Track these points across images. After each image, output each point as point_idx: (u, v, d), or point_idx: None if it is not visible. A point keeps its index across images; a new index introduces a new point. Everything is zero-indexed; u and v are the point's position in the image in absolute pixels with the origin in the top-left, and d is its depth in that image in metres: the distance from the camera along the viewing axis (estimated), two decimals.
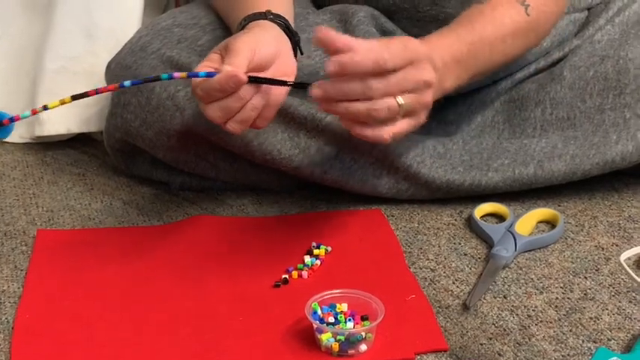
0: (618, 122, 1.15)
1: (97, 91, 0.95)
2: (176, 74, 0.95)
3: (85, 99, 0.97)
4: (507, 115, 1.21)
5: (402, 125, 0.95)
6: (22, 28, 1.35)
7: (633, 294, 0.97)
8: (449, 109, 1.24)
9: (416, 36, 1.21)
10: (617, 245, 1.08)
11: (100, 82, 1.20)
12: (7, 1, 1.35)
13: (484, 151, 1.18)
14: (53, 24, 1.31)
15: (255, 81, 0.94)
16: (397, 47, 0.93)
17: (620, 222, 1.14)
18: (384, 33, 1.24)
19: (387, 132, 0.93)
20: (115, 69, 1.18)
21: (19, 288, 1.00)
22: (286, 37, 1.05)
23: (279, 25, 1.05)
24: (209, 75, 0.92)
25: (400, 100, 0.93)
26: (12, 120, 0.93)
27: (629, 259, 1.02)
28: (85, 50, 1.30)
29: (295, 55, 1.06)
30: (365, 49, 0.90)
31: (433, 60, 0.98)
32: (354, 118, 0.94)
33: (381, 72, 0.91)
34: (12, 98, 1.34)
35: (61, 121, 1.29)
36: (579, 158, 1.15)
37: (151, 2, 1.41)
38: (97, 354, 0.89)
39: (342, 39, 0.90)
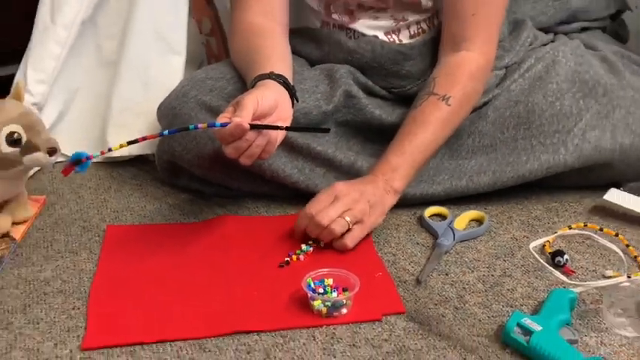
0: (527, 148, 1.15)
1: (144, 138, 0.97)
2: (200, 125, 0.97)
3: (140, 132, 0.98)
4: (447, 142, 1.18)
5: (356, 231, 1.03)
6: (97, 79, 1.34)
7: (538, 272, 0.98)
8: None
9: (382, 85, 1.24)
10: (526, 237, 1.09)
11: (153, 120, 1.21)
12: (86, 60, 1.34)
13: (430, 169, 1.17)
14: (120, 76, 1.31)
15: (255, 127, 0.95)
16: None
17: (529, 220, 1.14)
18: (360, 85, 1.23)
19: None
20: (163, 110, 1.18)
21: (93, 267, 1.01)
22: (285, 91, 1.05)
23: (279, 82, 1.05)
24: (223, 125, 0.93)
25: (347, 218, 1.01)
26: (88, 158, 0.94)
27: (535, 247, 1.02)
28: (142, 96, 1.29)
29: (293, 103, 1.06)
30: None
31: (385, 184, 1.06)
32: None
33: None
34: (88, 133, 1.33)
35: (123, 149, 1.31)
36: (499, 173, 1.15)
37: (190, 61, 1.41)
38: (149, 311, 0.90)
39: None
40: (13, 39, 1.42)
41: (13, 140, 1.02)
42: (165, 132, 1.02)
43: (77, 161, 0.95)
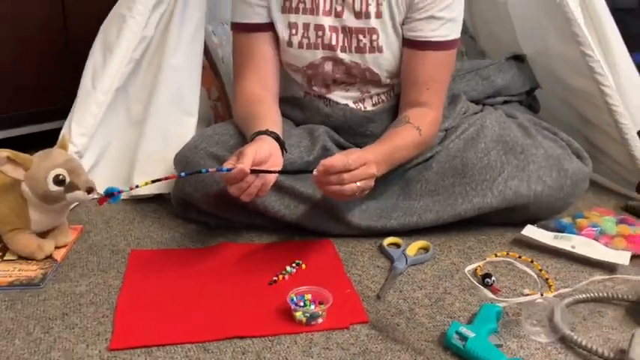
0: (462, 192, 1.15)
1: (165, 178, 0.97)
2: (210, 169, 0.98)
3: (160, 174, 0.98)
4: (401, 187, 1.19)
5: (358, 197, 1.02)
6: (126, 134, 1.34)
7: (472, 290, 0.98)
8: None
9: (351, 142, 1.25)
10: (462, 262, 1.08)
11: (170, 167, 1.20)
12: (118, 118, 1.33)
13: (388, 208, 1.17)
14: (144, 132, 1.30)
15: (254, 172, 0.95)
16: (355, 156, 0.99)
17: (464, 249, 1.14)
18: (334, 141, 1.23)
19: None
20: (178, 158, 1.17)
21: (120, 283, 0.99)
22: (277, 144, 1.05)
23: (272, 137, 1.05)
24: (228, 170, 0.94)
25: (358, 184, 0.98)
26: (119, 192, 0.94)
27: (469, 270, 1.03)
28: (162, 148, 1.28)
29: (283, 154, 1.07)
30: (337, 158, 0.97)
31: (374, 161, 1.01)
32: (332, 193, 0.98)
33: (347, 170, 0.96)
34: (118, 176, 1.31)
35: (147, 187, 1.29)
36: (441, 213, 1.15)
37: (201, 120, 1.40)
38: (163, 319, 0.89)
39: (328, 161, 0.96)
40: (59, 99, 1.42)
41: (58, 181, 1.02)
42: (182, 174, 1.02)
43: (110, 194, 0.95)
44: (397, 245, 1.14)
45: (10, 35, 1.53)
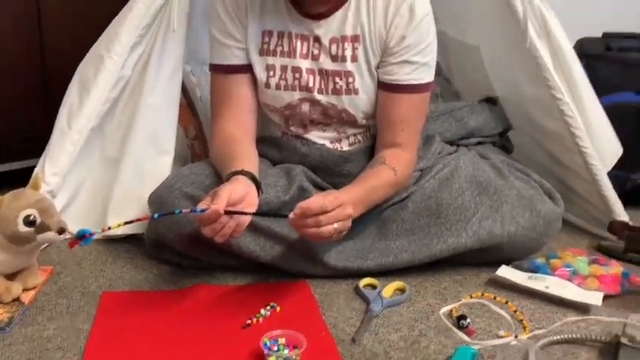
0: (438, 233, 1.15)
1: (138, 219, 0.97)
2: (184, 210, 0.98)
3: (135, 215, 0.98)
4: (378, 227, 1.20)
5: (335, 238, 1.01)
6: (101, 173, 1.32)
7: (447, 332, 0.97)
8: None
9: (328, 182, 1.26)
10: (438, 304, 1.08)
11: (144, 206, 1.19)
12: (93, 157, 1.32)
13: (364, 248, 1.17)
14: (119, 171, 1.29)
15: (228, 213, 0.95)
16: (331, 197, 0.99)
17: (440, 290, 1.14)
18: (311, 181, 1.23)
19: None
20: (153, 198, 1.16)
21: (89, 327, 0.97)
22: (252, 184, 1.05)
23: (248, 177, 1.05)
24: (202, 210, 0.93)
25: (335, 225, 0.98)
26: (91, 235, 0.93)
27: (444, 312, 1.02)
28: (137, 186, 1.27)
29: (258, 194, 1.06)
30: (314, 200, 0.97)
31: (350, 202, 1.02)
32: (309, 235, 0.99)
33: (324, 211, 0.96)
34: (91, 216, 1.29)
35: (119, 227, 1.28)
36: (417, 253, 1.15)
37: (177, 159, 1.40)
38: None
39: (304, 203, 0.97)
40: (33, 137, 1.41)
41: (29, 222, 1.00)
42: (156, 215, 1.02)
43: (81, 236, 0.93)
44: (373, 286, 1.13)
45: None
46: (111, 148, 1.31)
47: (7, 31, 1.57)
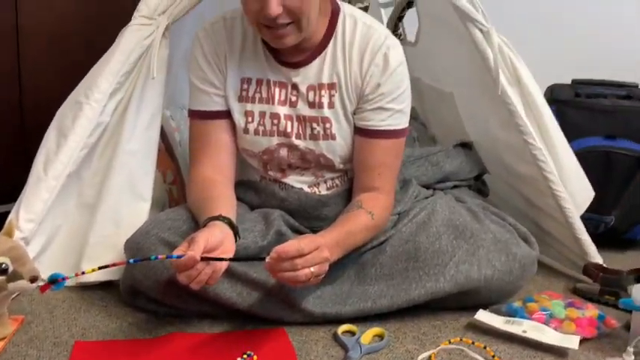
0: (416, 277, 1.16)
1: (113, 264, 0.96)
2: (159, 256, 0.97)
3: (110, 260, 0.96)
4: (356, 271, 1.19)
5: (312, 282, 1.01)
6: (76, 218, 1.30)
7: None
8: None
9: (306, 226, 1.26)
10: (417, 349, 1.08)
11: (120, 252, 1.18)
12: (69, 203, 1.30)
13: (343, 293, 1.16)
14: (95, 217, 1.28)
15: (205, 259, 0.95)
16: (307, 240, 1.00)
17: (419, 335, 1.13)
18: (289, 225, 1.23)
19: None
20: (129, 244, 1.15)
21: None
22: (230, 230, 1.05)
23: (225, 223, 1.05)
24: (178, 257, 0.93)
25: (312, 269, 0.98)
26: (64, 279, 0.91)
27: (423, 358, 1.02)
28: (113, 232, 1.26)
29: (236, 239, 1.06)
30: (290, 244, 0.97)
31: (327, 246, 1.02)
32: (286, 279, 0.98)
33: (301, 255, 0.96)
34: (66, 263, 1.27)
35: (94, 273, 1.25)
36: (395, 297, 1.15)
37: (155, 204, 1.39)
38: None
39: (281, 247, 0.97)
40: (9, 183, 1.40)
41: (0, 270, 0.98)
42: (132, 260, 1.01)
43: (54, 281, 0.92)
44: (352, 333, 1.12)
45: None
46: (88, 193, 1.30)
47: None
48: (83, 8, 1.76)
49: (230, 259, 1.00)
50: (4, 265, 0.99)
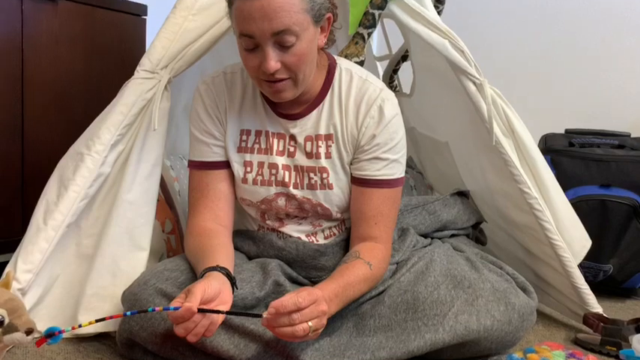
0: (415, 328, 1.14)
1: (110, 317, 0.95)
2: (156, 308, 0.97)
3: (108, 313, 0.95)
4: (355, 323, 1.18)
5: (311, 337, 0.99)
6: (74, 269, 1.30)
7: None
8: None
9: (304, 276, 1.26)
10: None
11: (118, 303, 1.17)
12: (67, 253, 1.30)
13: (341, 345, 1.15)
14: (93, 267, 1.27)
15: (202, 311, 0.95)
16: (305, 293, 0.98)
17: None
18: (287, 275, 1.23)
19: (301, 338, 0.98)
20: (127, 295, 1.15)
21: None
22: (227, 281, 1.05)
23: (223, 273, 1.05)
24: (175, 309, 0.93)
25: (310, 323, 0.97)
26: (60, 333, 0.91)
27: None
28: (111, 283, 1.26)
29: (233, 290, 1.06)
30: (287, 298, 0.96)
31: (325, 298, 1.01)
32: (283, 335, 0.97)
33: (298, 309, 0.95)
34: (63, 314, 1.26)
35: (92, 326, 1.23)
36: (394, 349, 1.13)
37: (153, 254, 1.39)
38: None
39: (277, 302, 0.96)
40: (9, 234, 1.40)
41: None
42: (128, 313, 1.00)
43: (50, 334, 0.91)
44: None
45: None
46: (86, 243, 1.31)
47: None
48: (88, 63, 1.81)
49: (227, 313, 0.99)
50: (0, 317, 0.98)
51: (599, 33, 2.38)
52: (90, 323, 0.95)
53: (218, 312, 0.97)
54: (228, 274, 1.07)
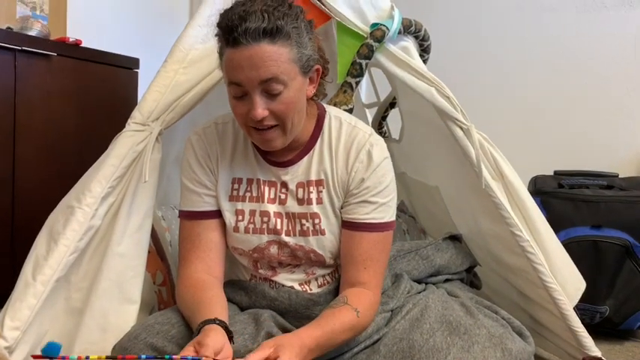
0: None
1: (123, 357, 0.93)
2: (174, 357, 0.94)
3: None
4: None
5: None
6: (63, 324, 1.27)
7: None
8: None
9: (297, 326, 1.24)
10: None
11: None
12: (56, 308, 1.28)
13: None
14: (83, 322, 1.25)
15: None
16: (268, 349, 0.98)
17: None
18: (279, 325, 1.22)
19: None
20: (117, 350, 1.12)
21: None
22: (225, 333, 1.04)
23: (221, 326, 1.04)
24: (194, 359, 0.92)
25: None
26: (63, 358, 0.88)
27: None
28: (100, 338, 1.23)
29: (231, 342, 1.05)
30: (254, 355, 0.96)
31: (305, 351, 1.00)
32: None
33: None
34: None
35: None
36: None
37: (144, 306, 1.37)
38: None
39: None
40: None
41: None
42: (143, 356, 0.98)
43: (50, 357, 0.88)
44: None
45: None
46: (76, 297, 1.29)
47: None
48: (80, 116, 1.83)
49: None
50: None
51: (584, 76, 2.45)
52: (99, 358, 0.92)
53: None
54: (226, 328, 1.05)
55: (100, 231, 1.30)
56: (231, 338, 1.05)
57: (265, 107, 1.09)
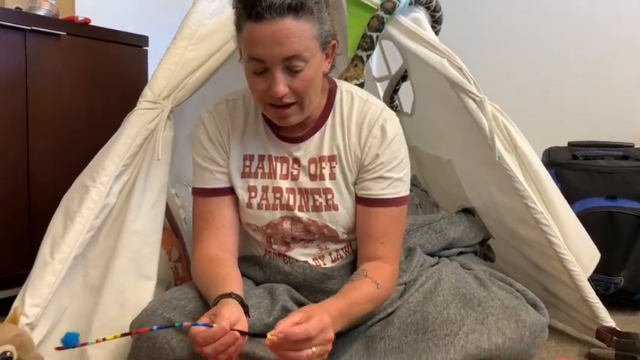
0: (426, 349, 1.12)
1: (136, 332, 0.95)
2: (185, 323, 0.96)
3: (117, 344, 0.94)
4: (365, 345, 1.17)
5: None
6: (82, 301, 1.30)
7: None
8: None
9: (312, 300, 1.25)
10: None
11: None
12: (74, 286, 1.30)
13: None
14: (101, 299, 1.27)
15: (236, 332, 0.95)
16: (315, 323, 0.96)
17: None
18: (294, 300, 1.23)
19: None
20: (136, 325, 1.13)
21: None
22: (241, 307, 1.04)
23: (237, 300, 1.05)
24: (206, 325, 0.92)
25: (314, 349, 0.95)
26: (82, 345, 0.90)
27: None
28: (118, 314, 1.25)
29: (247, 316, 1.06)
30: (298, 327, 0.95)
31: (330, 320, 0.99)
32: (287, 358, 0.95)
33: (308, 338, 0.94)
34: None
35: (101, 357, 1.23)
36: None
37: (160, 282, 1.39)
38: None
39: (288, 328, 0.94)
40: (16, 268, 1.41)
41: (5, 358, 0.98)
42: (155, 327, 0.99)
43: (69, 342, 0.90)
44: None
45: None
46: (93, 275, 1.30)
47: None
48: (91, 96, 1.83)
49: (251, 335, 0.99)
50: (8, 354, 0.98)
51: (598, 42, 2.39)
52: (115, 337, 0.94)
53: (247, 333, 0.97)
54: (242, 302, 1.06)
55: (115, 209, 1.31)
56: (246, 312, 1.06)
57: (286, 84, 1.08)
